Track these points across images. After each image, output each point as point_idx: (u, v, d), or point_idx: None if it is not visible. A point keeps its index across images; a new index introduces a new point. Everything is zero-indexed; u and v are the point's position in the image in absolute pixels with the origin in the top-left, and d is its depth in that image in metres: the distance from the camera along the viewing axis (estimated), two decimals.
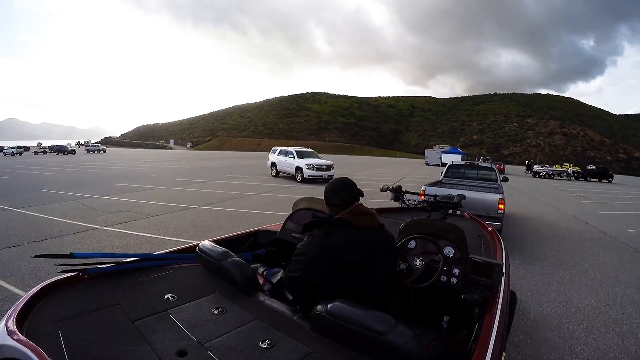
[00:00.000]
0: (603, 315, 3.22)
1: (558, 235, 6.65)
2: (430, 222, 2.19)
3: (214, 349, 1.10)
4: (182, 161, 30.15)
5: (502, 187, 7.00)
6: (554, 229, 7.27)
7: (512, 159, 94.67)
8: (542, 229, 7.21)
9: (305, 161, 13.82)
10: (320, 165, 13.75)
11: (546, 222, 8.05)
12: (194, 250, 1.81)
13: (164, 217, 6.45)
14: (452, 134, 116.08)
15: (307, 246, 1.51)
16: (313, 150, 16.02)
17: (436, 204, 3.34)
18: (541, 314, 3.21)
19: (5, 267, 3.69)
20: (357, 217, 1.54)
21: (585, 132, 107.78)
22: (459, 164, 9.02)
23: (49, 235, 4.97)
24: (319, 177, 13.47)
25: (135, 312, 1.29)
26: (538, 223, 7.84)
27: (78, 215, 6.33)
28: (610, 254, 5.47)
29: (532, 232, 6.84)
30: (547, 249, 5.54)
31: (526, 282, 4.01)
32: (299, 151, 14.78)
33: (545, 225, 7.65)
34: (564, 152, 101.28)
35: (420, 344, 1.08)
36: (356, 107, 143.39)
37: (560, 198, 13.19)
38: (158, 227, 5.65)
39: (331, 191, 1.62)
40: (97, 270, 1.56)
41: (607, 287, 3.95)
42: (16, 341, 1.02)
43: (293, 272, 1.51)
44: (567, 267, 4.61)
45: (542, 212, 9.53)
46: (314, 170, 13.50)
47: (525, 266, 4.57)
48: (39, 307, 1.27)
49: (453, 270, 1.89)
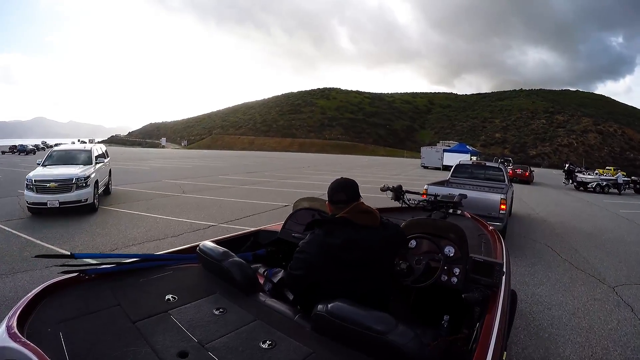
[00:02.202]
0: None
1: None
2: (430, 221, 2.21)
3: (215, 350, 1.11)
4: None
5: (511, 187, 7.29)
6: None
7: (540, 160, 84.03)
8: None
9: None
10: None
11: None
12: (195, 250, 1.81)
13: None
14: (471, 132, 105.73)
15: (309, 244, 1.53)
16: (98, 149, 9.74)
17: (437, 204, 3.31)
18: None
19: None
20: (358, 215, 1.54)
21: (623, 131, 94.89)
22: (466, 164, 8.94)
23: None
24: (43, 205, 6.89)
25: (135, 312, 1.29)
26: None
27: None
28: None
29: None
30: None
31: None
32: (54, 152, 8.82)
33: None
34: (600, 152, 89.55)
35: (421, 344, 1.09)
36: (367, 102, 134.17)
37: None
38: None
39: (337, 187, 1.63)
40: (97, 270, 1.57)
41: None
42: (17, 343, 1.02)
43: (295, 270, 1.54)
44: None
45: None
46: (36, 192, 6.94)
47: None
48: (40, 308, 1.27)
49: (453, 270, 1.88)
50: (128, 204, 8.44)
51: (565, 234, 7.39)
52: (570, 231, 7.76)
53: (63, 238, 5.47)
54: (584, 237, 7.29)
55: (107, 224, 6.50)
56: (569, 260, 5.46)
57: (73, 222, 6.41)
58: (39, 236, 5.44)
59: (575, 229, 8.14)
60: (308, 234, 1.59)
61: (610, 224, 9.12)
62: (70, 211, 6.90)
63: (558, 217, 9.53)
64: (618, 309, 3.79)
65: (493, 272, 1.78)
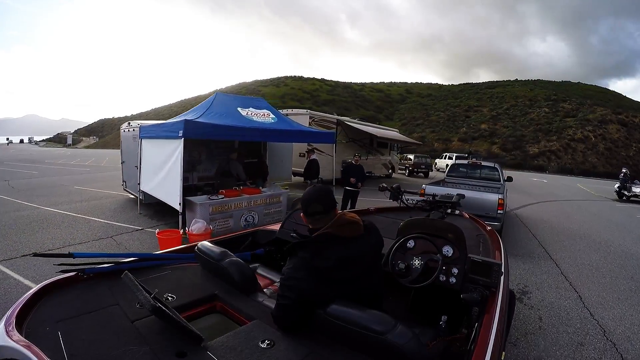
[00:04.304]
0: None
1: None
2: (429, 221, 2.17)
3: (214, 349, 1.10)
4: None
5: (505, 186, 7.35)
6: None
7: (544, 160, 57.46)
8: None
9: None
10: None
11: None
12: (193, 250, 1.81)
13: None
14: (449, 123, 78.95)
15: (295, 270, 1.41)
16: None
17: (435, 204, 3.27)
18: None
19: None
20: (343, 228, 1.45)
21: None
22: (462, 163, 8.99)
23: None
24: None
25: (134, 312, 1.29)
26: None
27: None
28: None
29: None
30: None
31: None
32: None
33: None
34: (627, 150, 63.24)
35: (420, 344, 1.08)
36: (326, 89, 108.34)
37: None
38: None
39: (312, 199, 1.52)
40: (96, 270, 1.56)
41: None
42: (15, 342, 1.01)
43: (284, 300, 1.39)
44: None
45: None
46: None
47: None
48: (38, 307, 1.27)
49: (452, 270, 1.88)
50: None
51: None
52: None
53: None
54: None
55: None
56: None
57: None
58: None
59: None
60: (290, 259, 1.47)
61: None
62: None
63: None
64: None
65: (491, 272, 1.75)
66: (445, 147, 61.33)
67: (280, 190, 7.22)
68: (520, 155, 58.98)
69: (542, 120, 73.14)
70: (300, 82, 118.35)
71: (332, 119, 13.77)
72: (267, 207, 6.74)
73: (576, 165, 54.51)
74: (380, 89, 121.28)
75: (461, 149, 50.03)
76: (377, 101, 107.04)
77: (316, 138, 8.80)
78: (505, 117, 78.20)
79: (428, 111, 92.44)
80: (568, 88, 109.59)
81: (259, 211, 6.48)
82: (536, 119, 74.20)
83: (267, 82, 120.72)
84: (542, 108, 79.43)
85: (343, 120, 14.22)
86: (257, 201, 6.48)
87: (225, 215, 5.88)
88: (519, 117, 76.84)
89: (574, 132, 66.63)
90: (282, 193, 7.14)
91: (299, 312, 1.35)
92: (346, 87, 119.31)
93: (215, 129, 5.93)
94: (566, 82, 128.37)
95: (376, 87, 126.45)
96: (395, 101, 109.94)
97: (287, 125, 7.66)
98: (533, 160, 55.76)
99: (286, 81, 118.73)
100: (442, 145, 66.31)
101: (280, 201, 7.07)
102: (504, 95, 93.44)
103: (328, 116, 13.77)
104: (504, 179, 7.99)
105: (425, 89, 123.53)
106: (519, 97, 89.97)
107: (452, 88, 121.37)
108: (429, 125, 79.41)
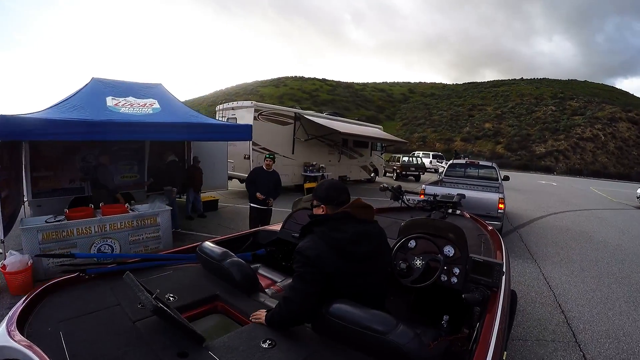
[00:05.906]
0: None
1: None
2: (430, 221, 2.17)
3: (215, 350, 1.10)
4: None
5: (503, 185, 7.19)
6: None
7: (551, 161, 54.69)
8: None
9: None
10: None
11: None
12: (194, 250, 1.79)
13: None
14: (452, 123, 76.37)
15: (314, 242, 1.40)
16: None
17: (436, 204, 3.24)
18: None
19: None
20: (359, 210, 1.51)
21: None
22: (460, 162, 8.93)
23: None
24: None
25: (135, 312, 1.28)
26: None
27: None
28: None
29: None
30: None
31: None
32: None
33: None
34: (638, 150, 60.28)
35: (421, 344, 1.08)
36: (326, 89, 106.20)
37: None
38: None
39: (338, 189, 1.58)
40: (97, 270, 1.55)
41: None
42: (17, 342, 1.01)
43: (301, 279, 1.33)
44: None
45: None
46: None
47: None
48: (40, 308, 1.26)
49: (453, 270, 1.86)
50: None
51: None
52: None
53: None
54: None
55: None
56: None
57: None
58: None
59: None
60: (306, 236, 1.45)
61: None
62: None
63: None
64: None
65: (493, 272, 1.75)
66: (447, 148, 58.80)
67: (160, 208, 5.06)
68: (527, 156, 56.37)
69: (549, 119, 70.27)
70: (300, 82, 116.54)
71: (287, 112, 11.64)
72: (134, 232, 4.67)
73: (585, 165, 51.67)
74: (382, 89, 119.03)
75: (463, 150, 47.64)
76: (378, 101, 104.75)
77: (223, 134, 6.33)
78: (510, 116, 75.50)
79: (430, 110, 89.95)
80: (575, 86, 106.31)
81: (122, 237, 4.42)
82: (542, 118, 71.37)
83: (267, 83, 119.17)
84: (549, 106, 76.60)
85: (302, 114, 12.06)
86: (117, 224, 4.41)
87: (65, 245, 3.83)
88: (525, 116, 74.06)
89: (582, 130, 63.81)
90: (161, 212, 5.02)
91: (316, 291, 1.29)
92: (347, 87, 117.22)
93: (44, 126, 3.83)
94: (572, 81, 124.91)
95: (378, 87, 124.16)
96: (398, 101, 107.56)
97: (172, 118, 5.35)
98: (540, 161, 53.11)
99: (286, 81, 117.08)
100: (444, 145, 63.71)
101: (158, 223, 4.93)
102: (509, 93, 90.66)
103: (282, 109, 11.63)
104: (501, 178, 8.02)
105: (429, 89, 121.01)
106: (524, 95, 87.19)
107: (456, 87, 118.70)
108: (430, 124, 76.96)
